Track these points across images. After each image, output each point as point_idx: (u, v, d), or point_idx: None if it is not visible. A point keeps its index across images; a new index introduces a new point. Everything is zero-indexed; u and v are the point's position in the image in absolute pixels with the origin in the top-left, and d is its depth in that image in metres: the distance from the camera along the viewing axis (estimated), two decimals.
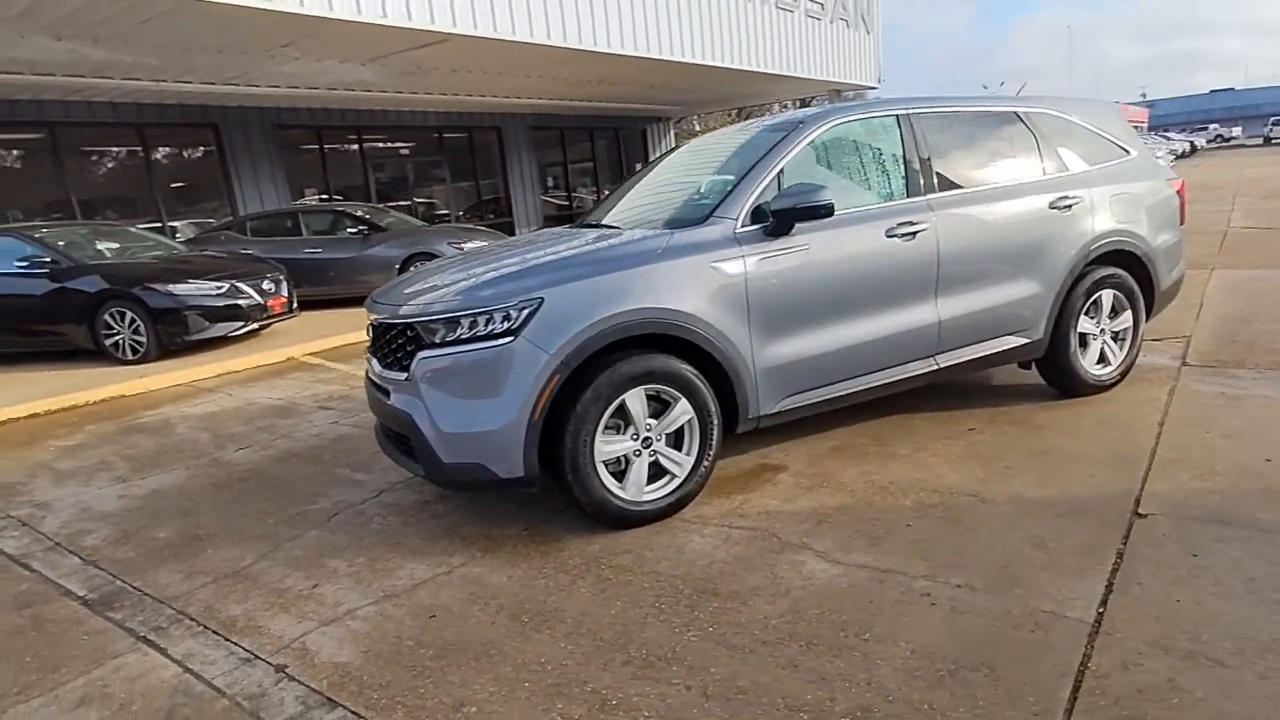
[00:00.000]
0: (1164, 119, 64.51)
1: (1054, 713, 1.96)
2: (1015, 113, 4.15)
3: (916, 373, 3.79)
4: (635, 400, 3.12)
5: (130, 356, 7.85)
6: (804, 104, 18.79)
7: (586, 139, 20.15)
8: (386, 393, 3.32)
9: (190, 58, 9.59)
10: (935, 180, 3.78)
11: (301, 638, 2.66)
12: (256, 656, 2.56)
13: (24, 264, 7.99)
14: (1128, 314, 4.32)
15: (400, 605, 2.81)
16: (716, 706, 2.11)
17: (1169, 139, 41.15)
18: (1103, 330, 4.29)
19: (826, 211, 3.28)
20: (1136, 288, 4.30)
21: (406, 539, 3.38)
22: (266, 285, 8.45)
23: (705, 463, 3.33)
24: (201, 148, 13.31)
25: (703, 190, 3.80)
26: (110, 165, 12.73)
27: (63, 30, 8.05)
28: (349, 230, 10.69)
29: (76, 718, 2.33)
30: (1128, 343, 4.37)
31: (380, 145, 15.90)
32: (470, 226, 13.05)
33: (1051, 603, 2.42)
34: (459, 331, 3.02)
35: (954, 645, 2.26)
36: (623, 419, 3.15)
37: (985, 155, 4.02)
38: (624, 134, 21.23)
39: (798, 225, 3.37)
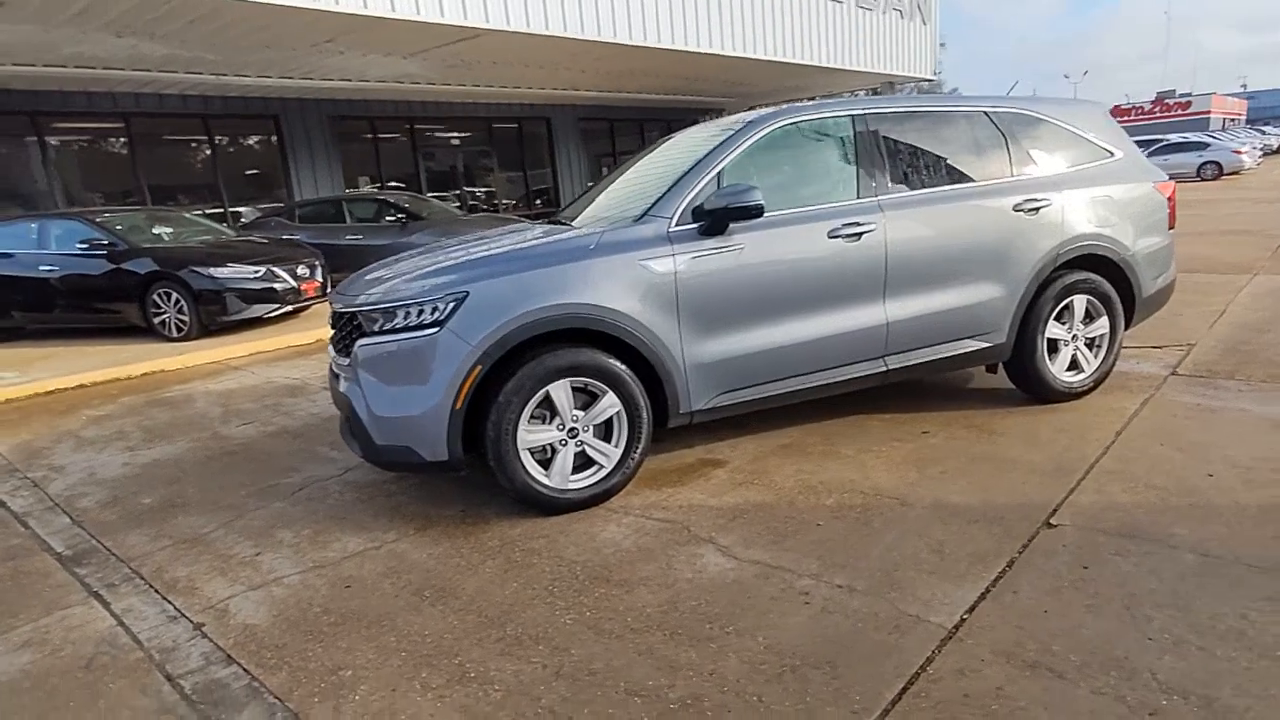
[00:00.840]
0: (1264, 111, 60.44)
1: (872, 711, 2.00)
2: (984, 113, 4.07)
3: (863, 374, 3.79)
4: (560, 392, 3.24)
5: (175, 334, 8.39)
6: (874, 94, 18.38)
7: (636, 131, 20.22)
8: (338, 378, 3.53)
9: (242, 53, 10.12)
10: (889, 181, 3.76)
11: (227, 600, 2.88)
12: (182, 615, 2.80)
13: (85, 246, 8.62)
14: (1103, 320, 4.19)
15: (324, 575, 3.02)
16: (563, 685, 2.22)
17: (1264, 133, 38.54)
18: (1075, 336, 4.17)
19: (757, 212, 3.32)
20: (1113, 294, 4.17)
21: (353, 514, 3.59)
22: (301, 270, 8.89)
23: (634, 455, 3.42)
24: (264, 138, 14.00)
25: (650, 189, 3.87)
26: (179, 154, 13.52)
27: (121, 28, 8.61)
28: (388, 218, 11.10)
29: (14, 657, 2.60)
30: (1103, 350, 4.24)
31: (432, 136, 16.37)
32: (508, 216, 13.35)
33: (920, 606, 2.44)
34: (394, 321, 3.20)
35: (809, 643, 2.31)
36: (550, 410, 3.27)
37: (948, 157, 3.96)
38: (676, 126, 21.18)
39: (733, 225, 3.42)
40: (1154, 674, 2.04)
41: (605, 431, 3.40)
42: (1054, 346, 4.15)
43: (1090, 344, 4.24)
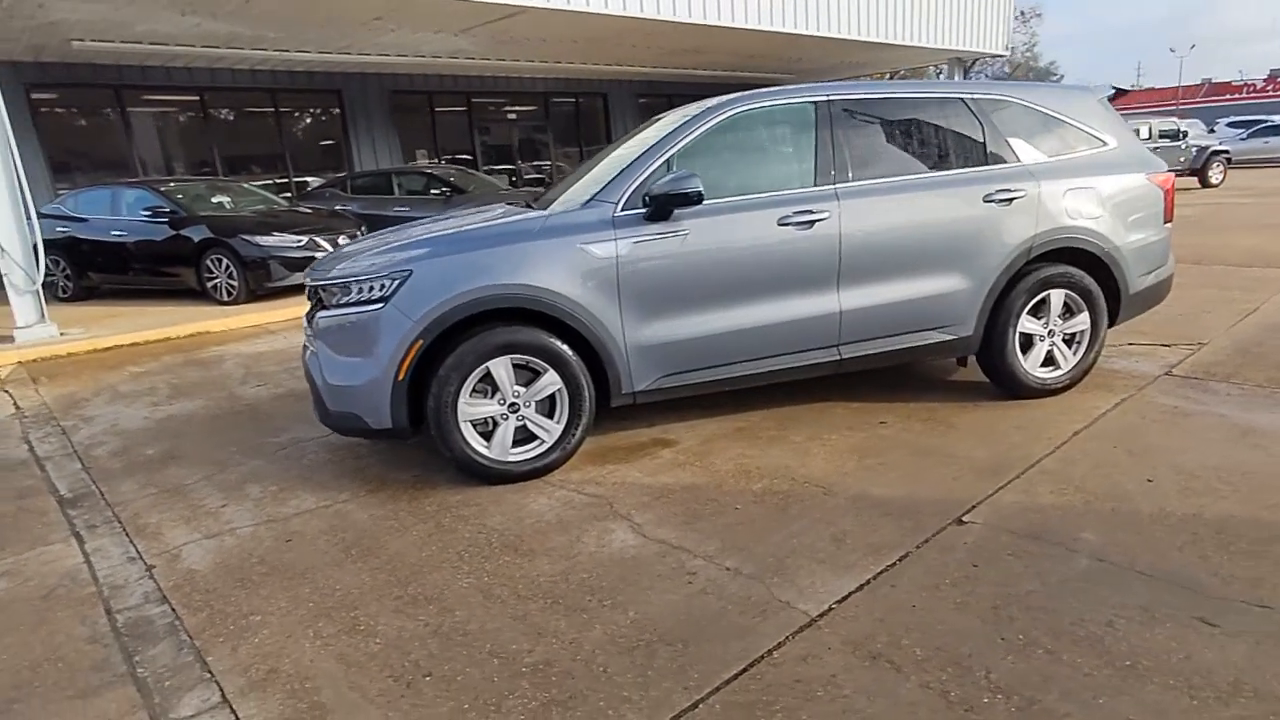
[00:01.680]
0: None
1: (703, 689, 2.09)
2: (962, 100, 3.95)
3: (816, 361, 3.79)
4: (500, 368, 3.38)
5: (225, 298, 8.94)
6: (966, 71, 17.62)
7: None
8: (306, 349, 3.77)
9: (301, 30, 10.54)
10: (849, 169, 3.72)
11: (182, 546, 3.16)
12: (140, 557, 3.09)
13: (149, 213, 9.26)
14: (1084, 316, 4.05)
15: (272, 529, 3.26)
16: (435, 643, 2.38)
17: None
18: (1051, 332, 4.05)
19: (695, 199, 3.37)
20: (1095, 289, 4.02)
21: (319, 474, 3.84)
22: (342, 240, 9.27)
23: (575, 432, 3.54)
24: (327, 111, 14.56)
25: (611, 174, 3.93)
26: (249, 126, 14.21)
27: (184, 7, 9.10)
28: (434, 192, 11.43)
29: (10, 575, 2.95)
30: (1083, 346, 4.10)
31: (489, 111, 16.67)
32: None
33: (794, 593, 2.49)
34: (348, 296, 3.40)
35: (673, 620, 2.40)
36: (492, 384, 3.42)
37: (917, 144, 3.88)
38: None
39: (679, 211, 3.47)
40: (988, 673, 2.06)
41: (549, 408, 3.53)
42: (1029, 341, 4.05)
43: (1070, 340, 4.11)
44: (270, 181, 13.85)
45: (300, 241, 8.94)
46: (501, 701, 2.08)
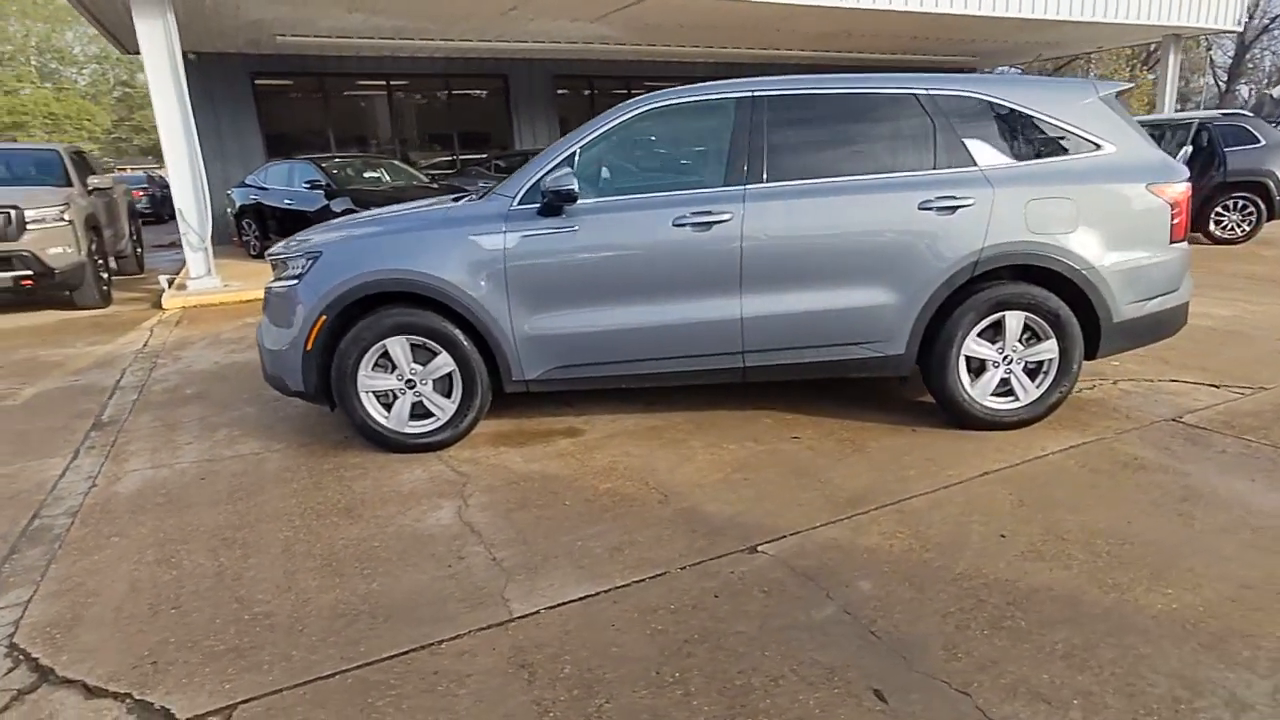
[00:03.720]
0: None
1: (354, 660, 2.21)
2: (914, 96, 3.56)
3: (718, 368, 3.66)
4: (396, 346, 3.64)
5: None
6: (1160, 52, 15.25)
7: None
8: None
9: (453, 22, 11.45)
10: (764, 170, 3.52)
11: (130, 472, 3.76)
12: (94, 477, 3.72)
13: (308, 185, 10.59)
14: (1050, 344, 3.54)
15: (201, 467, 3.78)
16: (208, 583, 2.68)
17: None
18: (1007, 358, 3.59)
19: (569, 197, 3.39)
20: (1066, 314, 3.50)
21: (282, 425, 4.33)
22: None
23: (469, 413, 3.73)
24: (493, 94, 15.65)
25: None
26: (424, 108, 15.66)
27: (350, 5, 10.24)
28: None
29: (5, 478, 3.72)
30: (1049, 378, 3.59)
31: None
32: None
33: (523, 592, 2.52)
34: (280, 271, 3.82)
35: (401, 597, 2.53)
36: (391, 361, 3.70)
37: (852, 145, 3.57)
38: None
39: (571, 207, 3.51)
40: (607, 701, 2.00)
41: (448, 388, 3.74)
42: (982, 367, 3.62)
43: (1036, 369, 3.61)
44: (440, 159, 15.19)
45: None
46: (199, 641, 2.35)
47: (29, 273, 7.84)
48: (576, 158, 3.59)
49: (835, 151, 3.59)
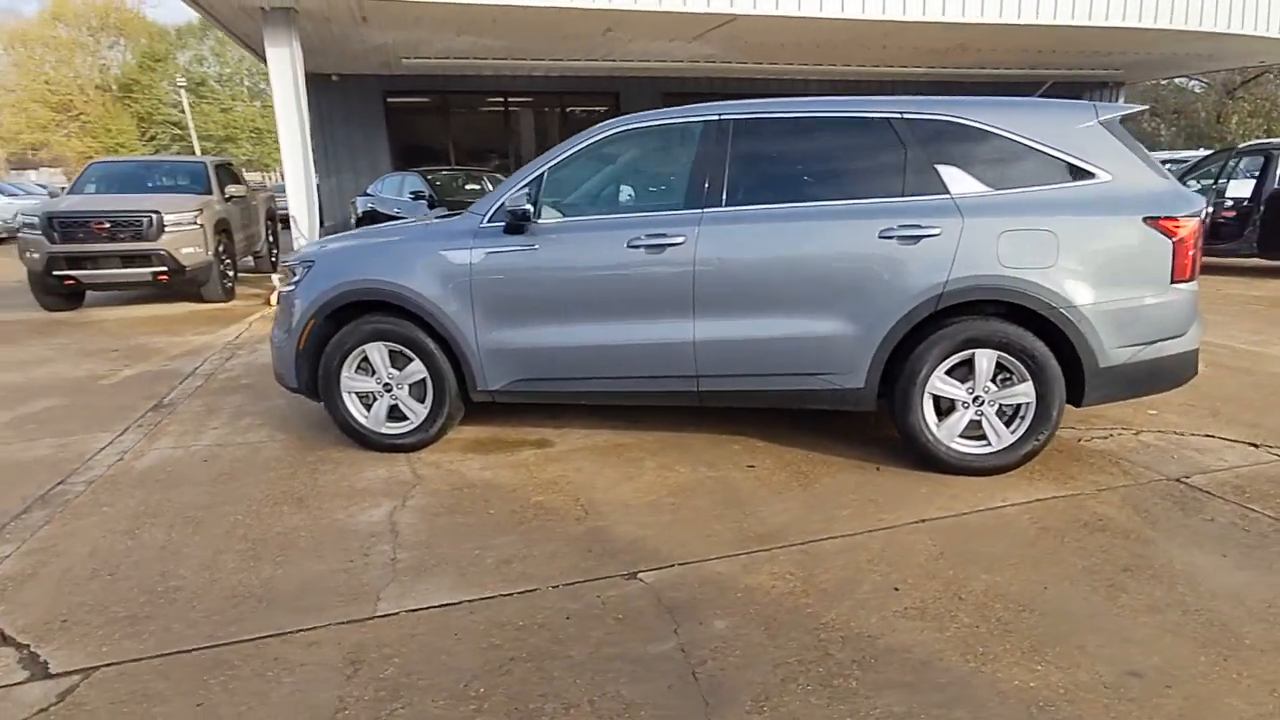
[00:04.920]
0: None
1: (169, 648, 2.41)
2: (888, 120, 3.39)
3: (674, 390, 3.64)
4: (375, 352, 3.87)
5: None
6: None
7: None
8: None
9: (554, 43, 11.90)
10: (723, 194, 3.47)
11: (154, 450, 4.20)
12: (123, 454, 4.19)
13: (413, 194, 11.34)
14: (1027, 386, 3.27)
15: (212, 450, 4.16)
16: (152, 555, 2.97)
17: None
18: (978, 399, 3.34)
19: (523, 217, 3.50)
20: (1045, 355, 3.21)
21: (296, 417, 4.68)
22: None
23: (439, 419, 3.90)
24: (605, 111, 16.06)
25: None
26: (539, 124, 16.34)
27: (458, 30, 10.90)
28: None
29: (34, 449, 4.27)
30: (1025, 422, 3.31)
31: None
32: None
33: (398, 591, 2.64)
34: (288, 277, 4.17)
35: (292, 587, 2.71)
36: (371, 365, 3.94)
37: (817, 170, 3.46)
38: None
39: (533, 226, 3.61)
40: (343, 710, 2.07)
41: (423, 393, 3.94)
42: (951, 407, 3.39)
43: (1012, 414, 3.34)
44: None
45: None
46: (108, 607, 2.62)
47: (164, 269, 8.89)
48: (545, 179, 3.69)
49: (800, 177, 3.49)
